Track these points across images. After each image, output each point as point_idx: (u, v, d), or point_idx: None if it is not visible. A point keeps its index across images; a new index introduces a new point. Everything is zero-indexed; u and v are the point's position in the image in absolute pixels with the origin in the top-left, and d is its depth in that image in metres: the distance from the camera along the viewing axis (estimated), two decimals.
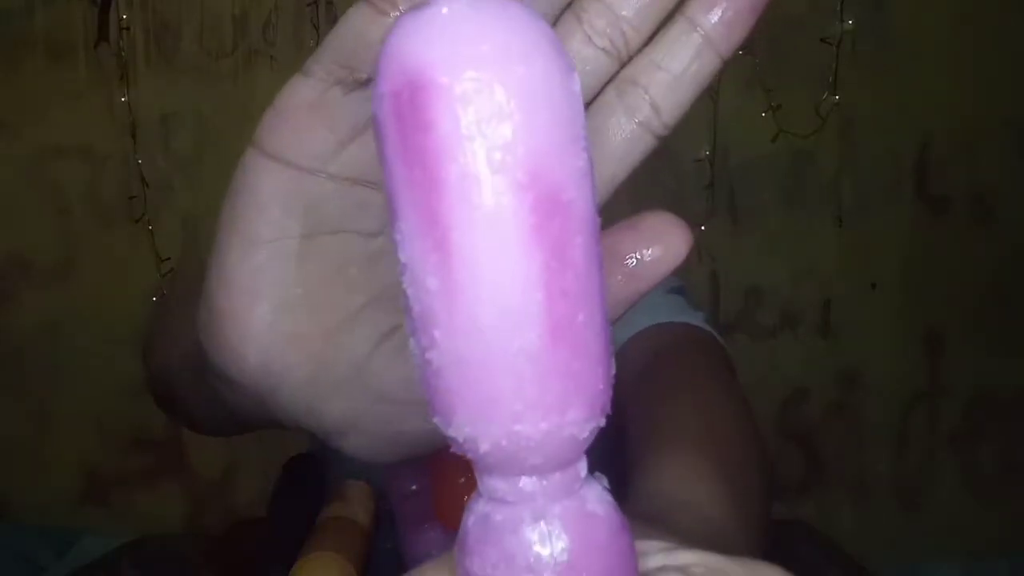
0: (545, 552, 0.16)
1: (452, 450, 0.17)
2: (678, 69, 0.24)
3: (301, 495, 0.72)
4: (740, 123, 1.49)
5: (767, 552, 0.42)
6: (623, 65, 0.25)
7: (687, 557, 0.18)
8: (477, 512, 0.17)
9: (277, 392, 0.26)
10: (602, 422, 0.16)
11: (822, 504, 1.60)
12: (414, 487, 0.55)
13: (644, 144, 0.25)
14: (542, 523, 0.16)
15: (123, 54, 1.47)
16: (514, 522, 0.16)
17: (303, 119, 0.24)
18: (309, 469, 0.75)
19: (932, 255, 1.57)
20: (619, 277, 0.24)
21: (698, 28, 0.24)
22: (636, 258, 0.24)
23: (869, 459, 1.62)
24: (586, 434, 0.16)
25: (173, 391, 0.50)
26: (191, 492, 1.56)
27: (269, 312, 0.25)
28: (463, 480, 0.51)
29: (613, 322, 0.25)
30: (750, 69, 1.44)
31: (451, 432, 0.16)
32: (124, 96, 1.47)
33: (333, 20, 1.45)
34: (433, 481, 0.54)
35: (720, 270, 1.53)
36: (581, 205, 0.16)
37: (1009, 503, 1.58)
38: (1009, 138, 1.55)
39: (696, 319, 0.62)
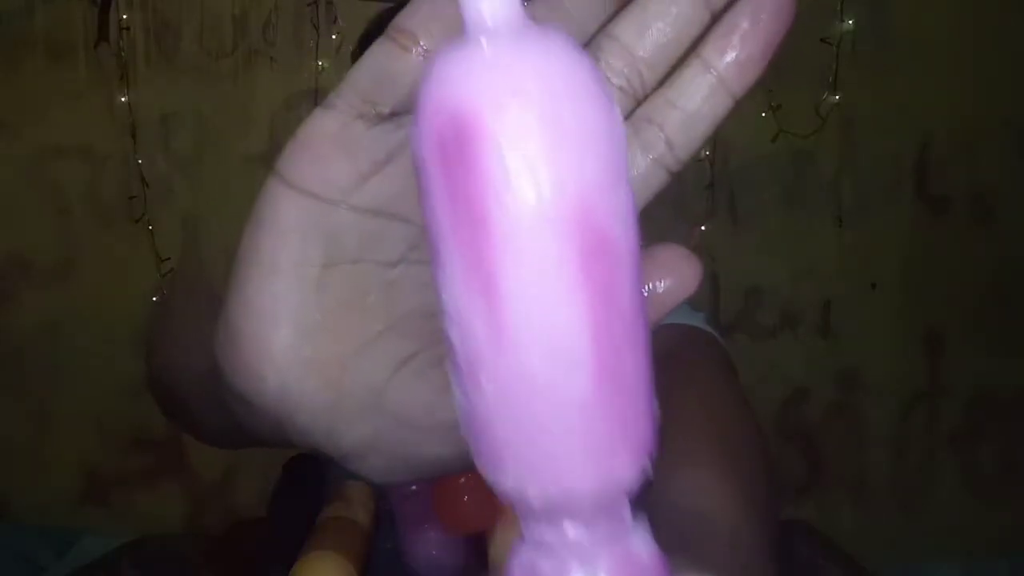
0: None
1: (498, 494, 0.16)
2: (692, 108, 0.25)
3: (301, 495, 0.72)
4: (740, 123, 1.49)
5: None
6: (639, 103, 0.26)
7: None
8: (523, 560, 0.17)
9: (295, 416, 0.26)
10: (648, 466, 0.16)
11: (822, 504, 1.60)
12: (414, 487, 0.55)
13: (658, 180, 0.26)
14: (589, 572, 0.16)
15: (123, 54, 1.47)
16: (561, 571, 0.16)
17: (325, 151, 0.24)
18: (309, 469, 0.75)
19: (932, 255, 1.57)
20: None
21: (712, 69, 0.25)
22: (649, 288, 0.25)
23: (869, 459, 1.63)
24: (634, 478, 0.16)
25: (174, 393, 0.50)
26: (191, 492, 1.57)
27: (288, 337, 0.25)
28: (463, 480, 0.51)
29: None
30: None
31: (499, 479, 0.16)
32: (124, 96, 1.47)
33: (333, 20, 1.45)
34: (433, 481, 0.54)
35: (720, 270, 1.53)
36: (626, 244, 0.15)
37: (1009, 503, 1.59)
38: (1009, 138, 1.55)
39: (697, 320, 0.62)
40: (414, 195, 0.25)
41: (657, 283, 0.25)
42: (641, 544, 0.16)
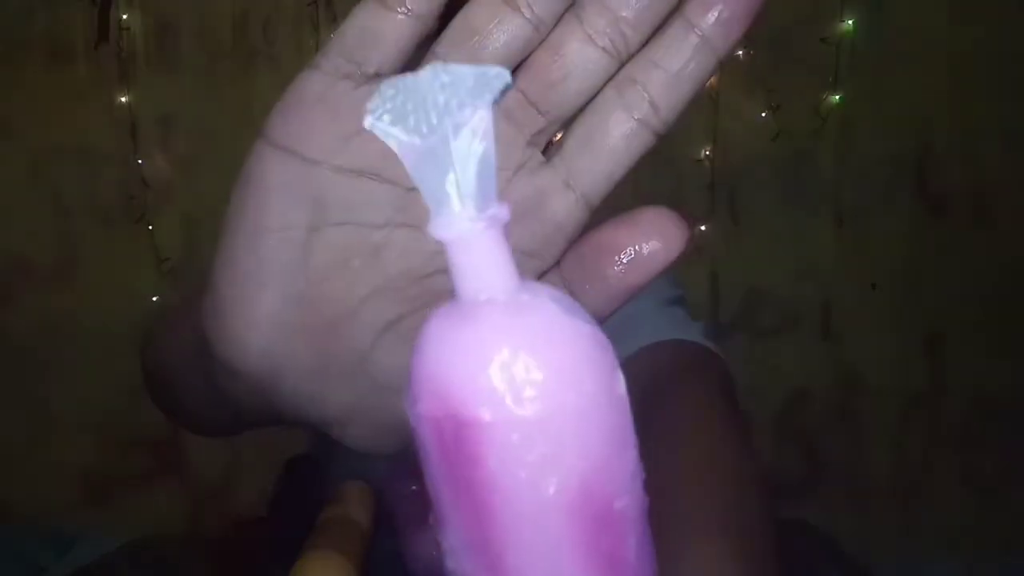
0: None
1: None
2: (676, 68, 0.25)
3: (301, 495, 0.72)
4: (740, 123, 1.49)
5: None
6: (622, 64, 0.25)
7: None
8: None
9: (280, 382, 0.26)
10: None
11: (822, 504, 1.60)
12: (414, 487, 0.55)
13: (643, 141, 0.26)
14: None
15: (123, 54, 1.47)
16: None
17: (311, 112, 0.24)
18: (309, 469, 0.75)
19: (932, 255, 1.57)
20: (618, 269, 0.25)
21: (696, 29, 0.24)
22: (635, 251, 0.25)
23: (869, 459, 1.62)
24: None
25: (164, 379, 0.50)
26: (191, 492, 1.56)
27: (274, 302, 0.25)
28: None
29: (611, 314, 0.25)
30: (750, 69, 1.44)
31: None
32: (124, 96, 1.47)
33: (333, 20, 1.45)
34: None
35: (720, 270, 1.53)
36: (633, 506, 0.15)
37: (1009, 503, 1.58)
38: (1009, 138, 1.55)
39: (695, 332, 0.60)
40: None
41: (643, 245, 0.25)
42: None
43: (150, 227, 1.49)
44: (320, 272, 0.25)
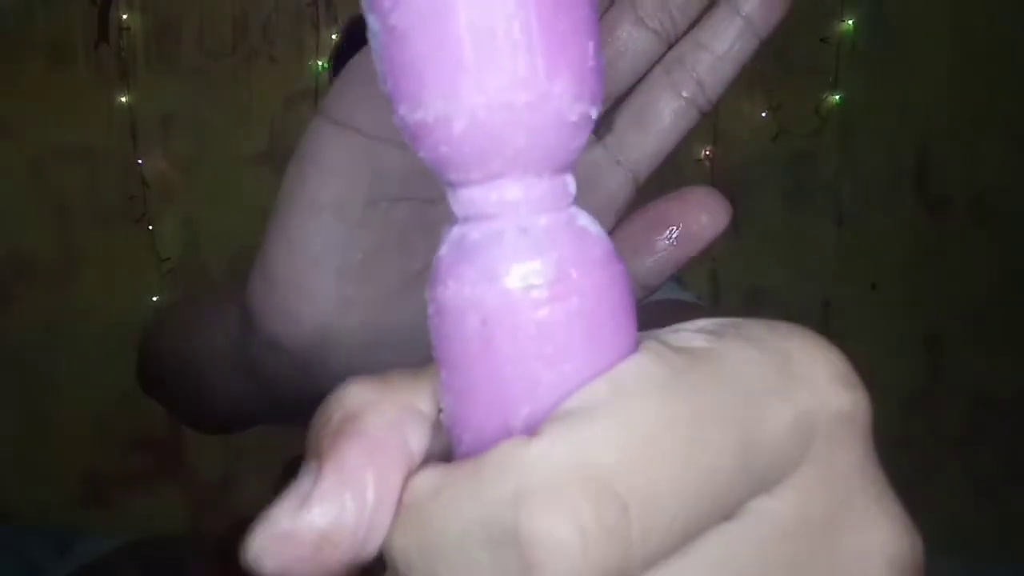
0: (534, 265, 0.14)
1: (420, 155, 0.14)
2: (722, 49, 0.26)
3: None
4: (740, 123, 1.49)
5: None
6: (671, 46, 0.27)
7: (698, 323, 0.16)
8: (451, 238, 0.14)
9: (330, 359, 0.27)
10: (593, 113, 0.14)
11: None
12: None
13: (689, 118, 0.27)
14: (528, 233, 0.14)
15: (123, 54, 1.47)
16: (495, 234, 0.14)
17: (370, 88, 0.25)
18: None
19: (932, 255, 1.57)
20: (668, 242, 0.26)
21: (740, 12, 0.26)
22: (684, 225, 0.26)
23: None
24: (575, 117, 0.14)
25: (187, 375, 0.50)
26: (191, 493, 1.57)
27: (328, 277, 0.26)
28: None
29: (658, 287, 0.27)
30: (750, 69, 1.44)
31: (420, 115, 0.14)
32: (124, 96, 1.47)
33: (333, 20, 1.45)
34: None
35: (720, 270, 1.53)
36: None
37: (1009, 503, 1.58)
38: (1009, 138, 1.55)
39: (687, 297, 0.61)
40: None
41: (691, 220, 0.26)
42: (587, 219, 0.14)
43: (150, 227, 1.49)
44: (375, 247, 0.26)
